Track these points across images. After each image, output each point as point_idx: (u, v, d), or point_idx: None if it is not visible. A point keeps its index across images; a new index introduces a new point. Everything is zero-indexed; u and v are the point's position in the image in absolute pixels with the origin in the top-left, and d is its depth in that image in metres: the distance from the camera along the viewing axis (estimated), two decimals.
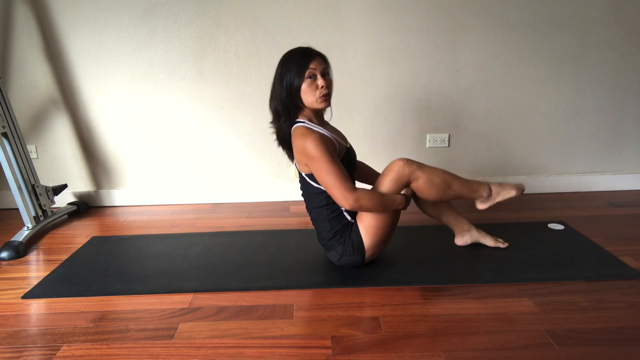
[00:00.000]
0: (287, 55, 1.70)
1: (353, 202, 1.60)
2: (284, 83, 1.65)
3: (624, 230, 2.12)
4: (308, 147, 1.61)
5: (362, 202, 1.62)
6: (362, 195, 1.62)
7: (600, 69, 2.54)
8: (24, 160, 2.29)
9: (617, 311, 1.49)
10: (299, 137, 1.64)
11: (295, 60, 1.65)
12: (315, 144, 1.60)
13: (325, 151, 1.60)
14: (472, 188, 1.80)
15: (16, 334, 1.48)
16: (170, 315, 1.55)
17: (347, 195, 1.60)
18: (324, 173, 1.61)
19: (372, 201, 1.64)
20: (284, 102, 1.67)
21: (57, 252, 2.11)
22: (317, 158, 1.60)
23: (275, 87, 1.68)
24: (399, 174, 1.69)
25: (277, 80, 1.68)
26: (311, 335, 1.42)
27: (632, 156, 2.69)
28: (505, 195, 1.83)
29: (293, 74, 1.64)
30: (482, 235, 1.98)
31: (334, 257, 1.81)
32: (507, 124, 2.62)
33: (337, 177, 1.60)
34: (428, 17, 2.44)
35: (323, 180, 1.63)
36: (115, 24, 2.45)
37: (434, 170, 1.74)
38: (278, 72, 1.68)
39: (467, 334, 1.40)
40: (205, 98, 2.57)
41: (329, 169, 1.60)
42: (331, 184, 1.61)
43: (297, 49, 1.70)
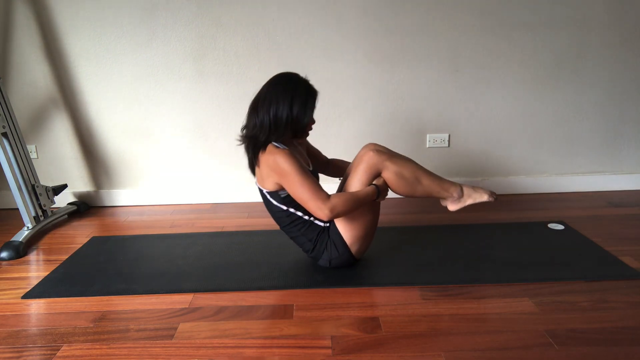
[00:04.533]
0: (295, 82, 1.65)
1: (329, 212, 1.58)
2: (294, 110, 1.61)
3: (624, 230, 2.12)
4: (280, 162, 1.60)
5: (338, 210, 1.60)
6: (336, 203, 1.59)
7: (600, 69, 2.54)
8: (24, 160, 2.29)
9: (617, 311, 1.49)
10: (269, 153, 1.62)
11: (308, 95, 1.65)
12: (287, 159, 1.59)
13: (296, 165, 1.60)
14: (443, 187, 1.77)
15: (16, 334, 1.48)
16: (170, 315, 1.55)
17: (322, 206, 1.58)
18: (297, 187, 1.60)
19: (347, 204, 1.61)
20: (279, 125, 1.62)
21: (57, 252, 2.11)
22: (289, 172, 1.60)
23: (278, 108, 1.61)
24: (369, 163, 1.69)
25: (283, 103, 1.61)
26: (311, 335, 1.42)
27: (632, 156, 2.69)
28: (477, 198, 1.80)
29: (308, 109, 1.65)
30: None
31: (325, 264, 1.81)
32: (507, 124, 2.62)
33: (311, 189, 1.59)
34: (428, 17, 2.44)
35: (297, 194, 1.62)
36: (115, 24, 2.45)
37: (404, 163, 1.71)
38: (286, 96, 1.61)
39: (467, 334, 1.40)
40: (205, 98, 2.57)
41: (301, 182, 1.59)
42: (306, 198, 1.60)
43: (306, 82, 1.67)
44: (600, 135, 2.65)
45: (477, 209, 2.47)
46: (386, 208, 2.55)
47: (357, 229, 1.73)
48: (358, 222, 1.72)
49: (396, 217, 2.41)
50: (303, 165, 1.63)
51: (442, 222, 2.30)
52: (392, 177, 1.70)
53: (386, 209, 2.53)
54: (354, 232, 1.73)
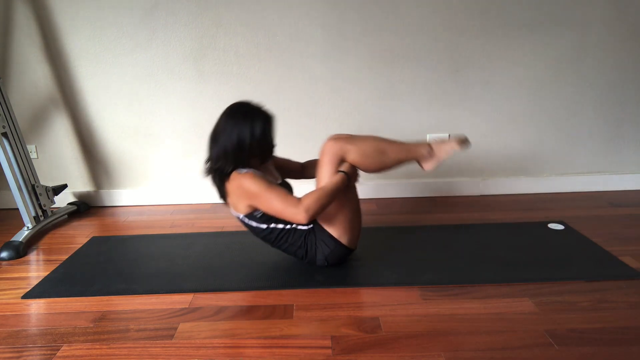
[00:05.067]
0: (253, 110, 1.68)
1: (305, 214, 1.58)
2: (255, 136, 1.64)
3: (624, 230, 2.12)
4: (245, 185, 1.62)
5: (313, 209, 1.58)
6: (308, 203, 1.58)
7: (600, 69, 2.54)
8: (24, 160, 2.29)
9: (617, 311, 1.49)
10: (233, 180, 1.65)
11: (266, 121, 1.67)
12: (251, 180, 1.62)
13: (261, 182, 1.62)
14: (410, 149, 1.74)
15: (16, 334, 1.48)
16: (170, 315, 1.55)
17: (296, 211, 1.58)
18: (268, 202, 1.62)
19: (319, 200, 1.60)
20: (242, 153, 1.65)
21: (57, 252, 2.11)
22: (256, 192, 1.62)
23: (239, 136, 1.63)
24: (330, 153, 1.68)
25: (243, 132, 1.63)
26: (311, 335, 1.42)
27: (632, 156, 2.69)
28: (449, 149, 1.74)
29: (268, 134, 1.66)
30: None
31: (322, 263, 1.80)
32: (507, 124, 2.62)
33: (281, 200, 1.60)
34: (428, 17, 2.44)
35: (271, 209, 1.63)
36: (116, 24, 2.45)
37: (364, 140, 1.70)
38: (248, 122, 1.64)
39: (467, 334, 1.40)
40: (205, 98, 2.57)
41: (271, 196, 1.61)
42: (279, 209, 1.61)
43: (260, 108, 1.69)
44: (600, 135, 2.65)
45: (477, 209, 2.48)
46: (386, 208, 2.55)
47: (341, 220, 1.72)
48: (339, 213, 1.71)
49: (396, 217, 2.41)
50: (268, 181, 1.65)
51: (442, 222, 2.30)
52: (357, 157, 1.69)
53: (386, 209, 2.53)
54: (338, 223, 1.72)
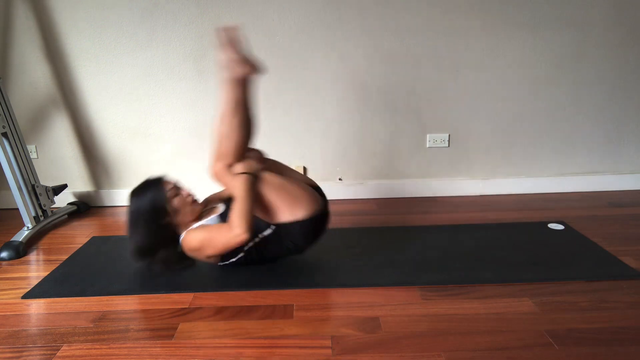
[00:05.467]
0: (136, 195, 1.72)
1: (240, 231, 1.57)
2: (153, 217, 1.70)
3: (624, 230, 2.12)
4: (190, 246, 1.71)
5: (242, 223, 1.57)
6: (234, 222, 1.58)
7: (600, 69, 2.54)
8: (24, 160, 2.29)
9: (617, 311, 1.49)
10: (184, 247, 1.74)
11: (149, 193, 1.71)
12: (190, 239, 1.70)
13: (197, 235, 1.68)
14: (230, 92, 1.68)
15: (16, 334, 1.48)
16: (170, 315, 1.55)
17: (233, 236, 1.58)
18: (213, 247, 1.66)
19: (241, 212, 1.58)
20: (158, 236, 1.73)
21: (57, 252, 2.11)
22: (199, 245, 1.68)
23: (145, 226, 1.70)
24: (218, 174, 1.69)
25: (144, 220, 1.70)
26: (311, 335, 1.42)
27: (632, 156, 2.69)
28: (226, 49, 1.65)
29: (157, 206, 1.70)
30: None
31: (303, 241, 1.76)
32: (507, 124, 2.62)
33: (218, 235, 1.64)
34: (428, 17, 2.44)
35: (219, 248, 1.66)
36: (116, 24, 2.45)
37: (221, 142, 1.68)
38: (141, 213, 1.70)
39: (467, 334, 1.40)
40: (205, 98, 2.57)
41: (211, 240, 1.66)
42: (223, 243, 1.63)
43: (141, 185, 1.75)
44: (600, 135, 2.65)
45: (477, 209, 2.48)
46: (385, 208, 2.55)
47: (277, 205, 1.67)
48: (269, 202, 1.67)
49: (396, 217, 2.41)
50: (203, 228, 1.70)
51: (442, 222, 2.30)
52: (229, 151, 1.66)
53: (386, 209, 2.53)
54: (279, 209, 1.67)
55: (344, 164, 2.69)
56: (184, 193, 1.76)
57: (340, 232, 2.21)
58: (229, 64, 1.65)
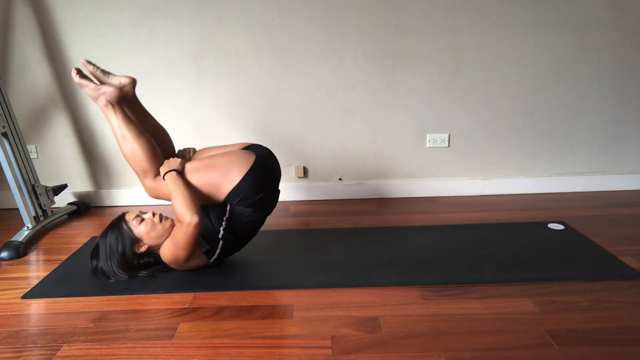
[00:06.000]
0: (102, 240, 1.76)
1: (189, 220, 1.60)
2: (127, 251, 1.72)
3: (624, 230, 2.12)
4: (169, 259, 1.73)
5: (188, 212, 1.60)
6: (179, 214, 1.62)
7: (600, 69, 2.54)
8: (24, 160, 2.29)
9: (617, 311, 1.49)
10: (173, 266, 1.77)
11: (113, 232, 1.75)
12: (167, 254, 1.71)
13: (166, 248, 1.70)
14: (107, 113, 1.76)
15: (16, 334, 1.48)
16: (170, 315, 1.55)
17: (185, 226, 1.61)
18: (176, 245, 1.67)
19: (180, 201, 1.62)
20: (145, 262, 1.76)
21: (57, 252, 2.11)
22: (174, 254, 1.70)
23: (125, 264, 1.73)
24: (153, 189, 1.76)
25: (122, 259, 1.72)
26: (311, 335, 1.42)
27: (632, 156, 2.69)
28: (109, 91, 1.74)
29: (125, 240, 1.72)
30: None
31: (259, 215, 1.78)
32: (507, 124, 2.62)
33: (175, 233, 1.67)
34: (428, 17, 2.44)
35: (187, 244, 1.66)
36: (115, 24, 2.45)
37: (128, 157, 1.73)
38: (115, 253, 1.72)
39: (467, 334, 1.40)
40: (205, 98, 2.57)
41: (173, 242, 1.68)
42: (182, 239, 1.64)
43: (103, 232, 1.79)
44: (600, 135, 2.65)
45: (477, 209, 2.48)
46: (385, 208, 2.55)
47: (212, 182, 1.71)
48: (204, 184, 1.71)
49: (396, 217, 2.41)
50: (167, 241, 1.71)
51: (442, 222, 2.30)
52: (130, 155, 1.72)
53: (386, 209, 2.53)
54: (216, 185, 1.71)
55: (344, 164, 2.69)
56: (147, 216, 1.75)
57: (340, 232, 2.21)
58: (93, 96, 1.74)
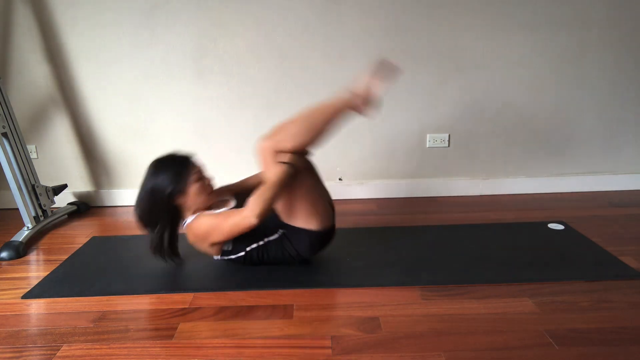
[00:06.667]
0: (157, 165, 1.69)
1: (251, 214, 1.55)
2: (168, 193, 1.65)
3: (624, 230, 2.12)
4: (196, 232, 1.68)
5: (258, 208, 1.55)
6: (251, 204, 1.57)
7: (600, 69, 2.54)
8: (24, 160, 2.29)
9: (617, 311, 1.49)
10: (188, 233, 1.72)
11: (174, 168, 1.67)
12: (197, 225, 1.67)
13: (205, 220, 1.66)
14: (337, 106, 1.61)
15: (16, 334, 1.48)
16: (170, 315, 1.55)
17: (243, 218, 1.57)
18: (220, 230, 1.64)
19: (261, 197, 1.56)
20: (166, 211, 1.69)
21: (57, 252, 2.11)
22: (207, 230, 1.66)
23: (156, 197, 1.66)
24: (263, 153, 1.62)
25: (158, 192, 1.65)
26: (311, 335, 1.42)
27: (632, 156, 2.69)
28: (366, 80, 1.63)
29: (176, 183, 1.66)
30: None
31: (308, 254, 1.77)
32: (507, 124, 2.62)
33: (227, 219, 1.62)
34: (428, 17, 2.44)
35: (226, 233, 1.64)
36: (115, 24, 2.45)
37: (289, 124, 1.60)
38: (158, 184, 1.65)
39: (467, 334, 1.40)
40: (205, 98, 2.57)
41: (218, 224, 1.63)
42: (231, 227, 1.61)
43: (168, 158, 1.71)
44: (600, 135, 2.65)
45: (477, 209, 2.48)
46: (385, 208, 2.55)
47: (299, 209, 1.68)
48: (294, 203, 1.67)
49: (396, 217, 2.41)
50: (211, 214, 1.68)
51: (442, 222, 2.30)
52: (290, 142, 1.59)
53: (386, 209, 2.53)
54: (299, 213, 1.68)
55: (344, 164, 2.69)
56: (206, 180, 1.73)
57: (340, 232, 2.20)
58: (362, 92, 1.63)
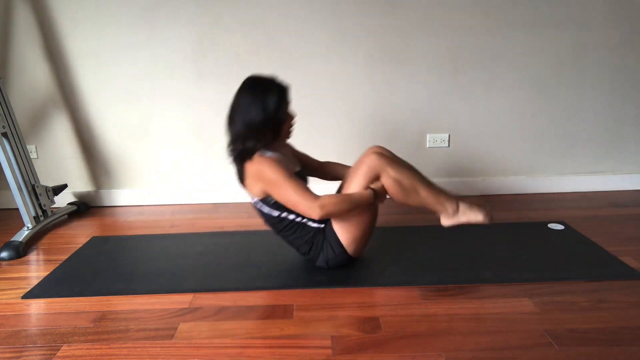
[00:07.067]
0: (263, 83, 1.65)
1: (319, 210, 1.58)
2: (267, 113, 1.62)
3: (624, 230, 2.12)
4: (265, 171, 1.62)
5: (329, 209, 1.59)
6: (326, 202, 1.59)
7: (600, 69, 2.54)
8: (24, 160, 2.29)
9: (617, 311, 1.49)
10: (255, 163, 1.64)
11: (278, 93, 1.64)
12: (271, 167, 1.61)
13: (282, 171, 1.61)
14: (439, 200, 1.73)
15: (16, 334, 1.48)
16: (170, 315, 1.55)
17: (312, 206, 1.58)
18: (285, 192, 1.61)
19: (338, 205, 1.60)
20: (258, 130, 1.63)
21: (57, 252, 2.11)
22: (275, 180, 1.61)
23: (251, 113, 1.62)
24: (369, 166, 1.66)
25: (256, 108, 1.61)
26: (311, 335, 1.42)
27: (632, 156, 2.69)
28: (472, 218, 1.76)
29: (281, 107, 1.64)
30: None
31: (322, 264, 1.80)
32: (507, 124, 2.62)
33: (298, 192, 1.59)
34: (428, 17, 2.44)
35: (286, 199, 1.63)
36: (115, 23, 2.45)
37: (404, 170, 1.68)
38: (257, 99, 1.62)
39: (467, 334, 1.40)
40: (205, 98, 2.57)
41: (288, 186, 1.60)
42: (294, 201, 1.60)
43: (273, 79, 1.67)
44: (600, 135, 2.65)
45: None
46: (386, 208, 2.55)
47: (354, 230, 1.72)
48: (354, 222, 1.71)
49: (395, 217, 2.41)
50: (288, 170, 1.63)
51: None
52: (390, 183, 1.67)
53: (385, 209, 2.53)
54: (351, 232, 1.72)
55: None
56: (294, 120, 1.73)
57: None
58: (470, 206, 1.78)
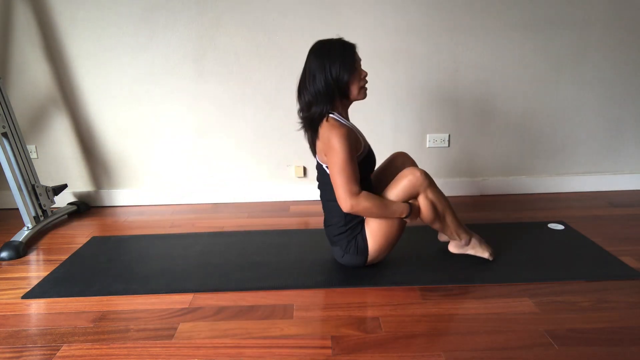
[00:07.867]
0: (326, 45, 1.65)
1: (353, 203, 1.61)
2: (331, 74, 1.61)
3: (624, 230, 2.12)
4: (333, 139, 1.60)
5: (362, 206, 1.62)
6: (363, 199, 1.61)
7: (600, 69, 2.54)
8: (24, 160, 2.29)
9: (617, 311, 1.49)
10: (329, 127, 1.63)
11: (341, 52, 1.63)
12: (341, 139, 1.60)
13: (346, 148, 1.60)
14: (458, 231, 1.81)
15: (16, 334, 1.48)
16: (170, 315, 1.55)
17: (345, 197, 1.60)
18: (336, 168, 1.61)
19: (372, 207, 1.63)
20: (324, 93, 1.63)
21: (57, 252, 2.12)
22: (336, 152, 1.60)
23: (316, 77, 1.62)
24: (413, 182, 1.68)
25: (320, 71, 1.62)
26: (311, 335, 1.42)
27: (632, 156, 2.69)
28: (478, 252, 1.86)
29: (342, 66, 1.62)
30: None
31: (338, 254, 1.80)
32: (507, 124, 2.62)
33: (347, 177, 1.60)
34: (428, 17, 2.44)
35: (333, 175, 1.63)
36: (116, 24, 2.45)
37: (440, 196, 1.74)
38: (320, 63, 1.62)
39: (467, 334, 1.40)
40: (205, 98, 2.57)
41: (342, 165, 1.60)
42: (338, 182, 1.62)
43: (337, 40, 1.67)
44: (600, 135, 2.65)
45: (477, 209, 2.48)
46: None
47: (383, 242, 1.73)
48: (387, 235, 1.72)
49: None
50: (352, 152, 1.62)
51: None
52: (427, 204, 1.71)
53: None
54: (380, 243, 1.73)
55: None
56: (363, 74, 1.70)
57: None
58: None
